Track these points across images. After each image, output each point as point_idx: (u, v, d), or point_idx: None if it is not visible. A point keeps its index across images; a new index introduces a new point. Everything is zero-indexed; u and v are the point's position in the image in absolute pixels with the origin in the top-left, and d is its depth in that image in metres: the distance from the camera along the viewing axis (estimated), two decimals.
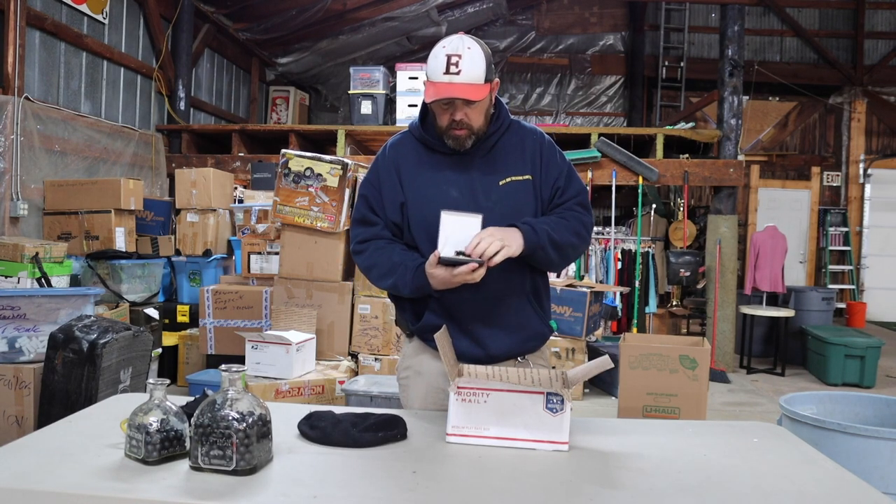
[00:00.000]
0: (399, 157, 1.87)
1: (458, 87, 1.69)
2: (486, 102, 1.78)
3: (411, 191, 1.82)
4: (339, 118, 10.07)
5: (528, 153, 1.86)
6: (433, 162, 1.84)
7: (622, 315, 7.12)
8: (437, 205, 1.76)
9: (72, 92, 5.49)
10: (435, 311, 1.83)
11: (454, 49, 1.70)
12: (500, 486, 1.34)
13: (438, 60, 1.71)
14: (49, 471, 1.33)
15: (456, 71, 1.69)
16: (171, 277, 5.52)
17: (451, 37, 1.75)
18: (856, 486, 1.39)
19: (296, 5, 7.64)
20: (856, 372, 5.87)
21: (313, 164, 4.26)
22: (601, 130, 6.72)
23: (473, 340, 1.82)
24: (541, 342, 1.93)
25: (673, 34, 10.16)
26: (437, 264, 1.68)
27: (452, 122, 1.75)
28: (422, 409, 1.86)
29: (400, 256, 1.81)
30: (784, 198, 10.14)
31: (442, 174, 1.82)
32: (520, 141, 1.87)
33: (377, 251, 1.85)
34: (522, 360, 1.88)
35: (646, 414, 3.90)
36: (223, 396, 1.35)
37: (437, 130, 1.80)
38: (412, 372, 1.92)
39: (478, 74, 1.71)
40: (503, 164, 1.83)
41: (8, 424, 3.12)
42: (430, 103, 1.75)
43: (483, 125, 1.79)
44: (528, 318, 1.87)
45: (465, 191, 1.80)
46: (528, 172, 1.84)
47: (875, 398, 3.01)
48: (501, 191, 1.81)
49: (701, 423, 1.91)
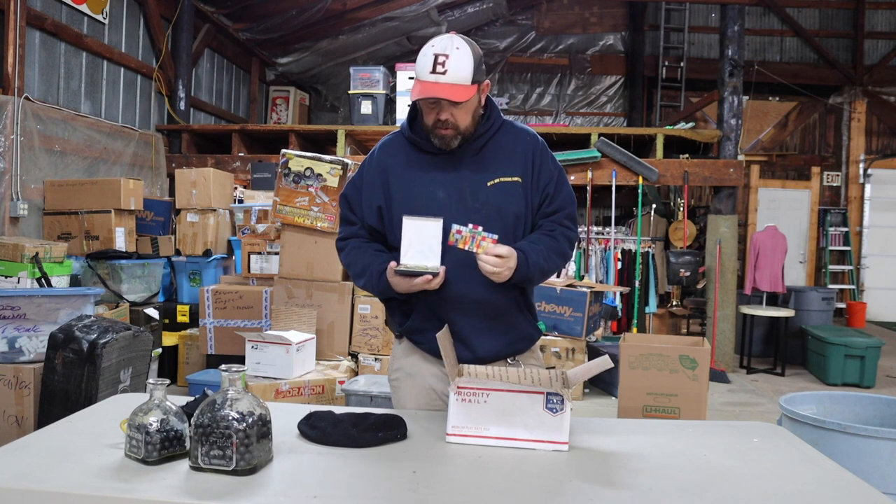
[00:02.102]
0: (387, 158, 1.87)
1: (443, 87, 1.68)
2: (474, 103, 1.76)
3: (398, 191, 1.82)
4: (339, 118, 10.07)
5: (520, 155, 1.84)
6: (421, 162, 1.83)
7: (622, 315, 7.12)
8: (423, 205, 1.77)
9: (72, 92, 5.49)
10: (422, 313, 1.84)
11: (442, 48, 1.70)
12: (500, 486, 1.34)
13: (426, 59, 1.71)
14: (49, 471, 1.33)
15: (442, 70, 1.68)
16: (171, 277, 5.52)
17: (442, 36, 1.74)
18: (856, 486, 1.39)
19: (296, 5, 7.64)
20: (856, 372, 5.86)
21: (313, 164, 4.26)
22: (601, 130, 6.72)
23: (461, 342, 1.81)
24: (529, 344, 1.91)
25: (673, 34, 10.16)
26: (395, 274, 1.72)
27: (438, 122, 1.74)
28: (414, 409, 1.86)
29: (370, 259, 1.83)
30: (784, 198, 10.14)
31: (429, 174, 1.81)
32: (511, 142, 1.86)
33: (353, 250, 1.88)
34: (513, 360, 1.87)
35: (646, 414, 3.90)
36: (223, 396, 1.35)
37: (424, 129, 1.80)
38: (403, 374, 1.92)
39: (464, 75, 1.70)
40: (492, 165, 1.82)
41: (8, 424, 3.12)
42: (416, 101, 1.75)
43: (470, 125, 1.78)
44: (515, 319, 1.86)
45: (451, 191, 1.79)
46: (517, 174, 1.82)
47: (875, 398, 3.01)
48: (489, 191, 1.80)
49: (701, 423, 1.91)
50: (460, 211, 1.77)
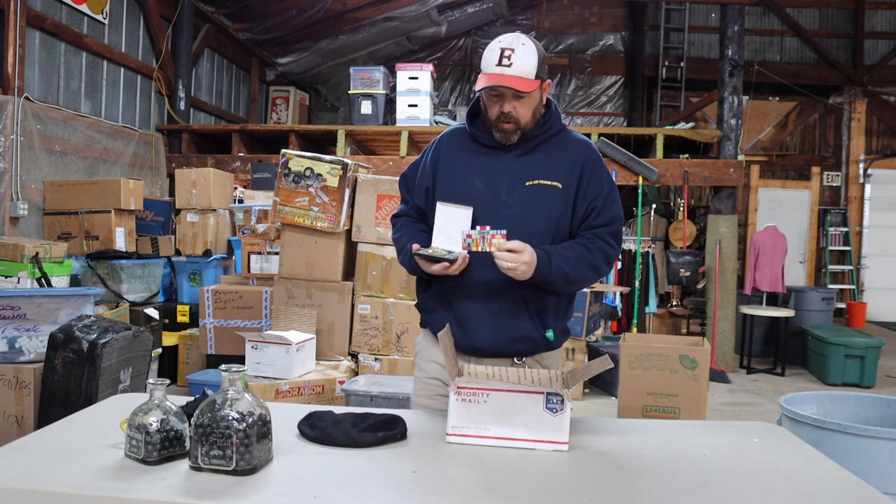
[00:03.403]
0: (446, 145, 1.95)
1: (508, 77, 1.74)
2: (536, 99, 1.82)
3: (443, 175, 1.89)
4: (339, 118, 10.07)
5: (569, 163, 1.85)
6: (472, 151, 1.90)
7: (622, 315, 7.12)
8: (461, 191, 1.84)
9: (72, 92, 5.49)
10: (433, 295, 1.91)
11: (508, 43, 1.77)
12: (500, 486, 1.34)
13: (493, 53, 1.77)
14: (49, 471, 1.33)
15: (508, 63, 1.74)
16: (171, 277, 5.51)
17: (509, 34, 1.81)
18: (856, 486, 1.39)
19: (296, 5, 7.64)
20: (856, 372, 5.86)
21: (313, 164, 4.26)
22: (601, 130, 6.72)
23: (461, 328, 1.85)
24: (531, 346, 1.87)
25: (673, 34, 10.16)
26: (415, 257, 1.78)
27: (501, 115, 1.80)
28: (424, 398, 1.94)
29: (411, 236, 1.91)
30: (784, 198, 10.14)
31: (474, 164, 1.87)
32: (563, 149, 1.87)
33: (401, 227, 1.98)
34: (519, 361, 1.87)
35: (646, 414, 3.90)
36: (223, 396, 1.35)
37: (487, 123, 1.86)
38: (420, 360, 2.01)
39: (529, 69, 1.76)
40: (537, 167, 1.85)
41: (8, 424, 3.12)
42: (480, 92, 1.82)
43: (530, 122, 1.83)
44: (515, 318, 1.84)
45: (489, 183, 1.84)
46: (559, 180, 1.83)
47: (875, 398, 3.01)
48: (526, 191, 1.83)
49: (701, 423, 1.91)
50: (493, 203, 1.82)
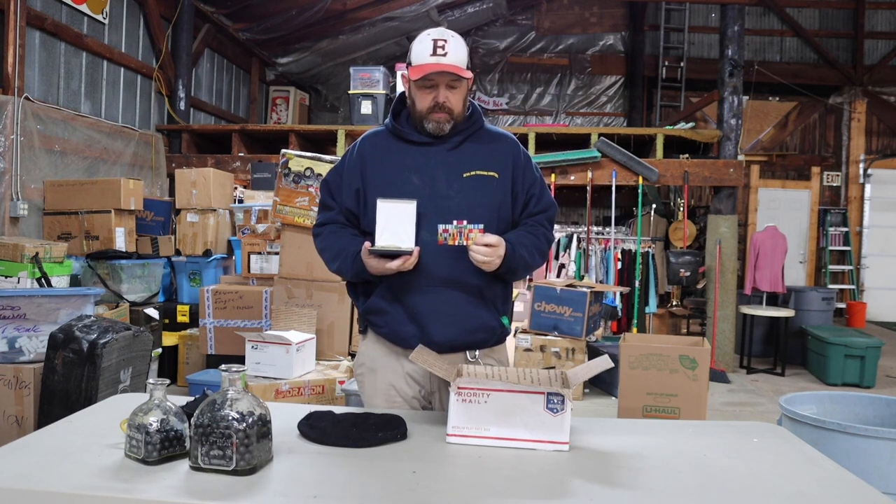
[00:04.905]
0: (368, 146, 1.92)
1: (447, 65, 1.77)
2: (465, 90, 1.86)
3: (374, 176, 1.87)
4: (339, 118, 10.07)
5: (500, 154, 1.90)
6: (400, 150, 1.89)
7: (622, 315, 7.11)
8: (398, 190, 1.82)
9: (72, 92, 5.49)
10: (382, 295, 1.87)
11: (439, 35, 1.80)
12: (500, 486, 1.34)
13: (424, 45, 1.80)
14: (49, 471, 1.33)
15: (443, 53, 1.78)
16: (171, 277, 5.51)
17: (433, 28, 1.84)
18: (856, 486, 1.39)
19: (296, 5, 7.64)
20: (856, 372, 5.86)
21: (313, 164, 4.26)
22: (601, 130, 6.72)
23: (416, 324, 1.83)
24: (489, 335, 1.89)
25: (673, 34, 10.16)
26: (369, 255, 1.75)
27: (435, 105, 1.80)
28: (382, 405, 1.88)
29: (346, 242, 1.87)
30: (784, 198, 10.13)
31: (406, 161, 1.87)
32: (491, 142, 1.92)
33: (329, 235, 1.92)
34: (473, 357, 1.87)
35: (646, 414, 3.90)
36: (223, 396, 1.35)
37: (417, 116, 1.85)
38: (366, 369, 1.94)
39: (462, 59, 1.81)
40: (469, 159, 1.87)
41: (8, 424, 3.12)
42: (416, 81, 1.81)
43: (461, 113, 1.86)
44: (474, 308, 1.85)
45: (426, 177, 1.84)
46: (495, 170, 1.87)
47: (875, 398, 3.01)
48: (464, 182, 1.85)
49: (701, 423, 1.91)
50: (433, 198, 1.82)
